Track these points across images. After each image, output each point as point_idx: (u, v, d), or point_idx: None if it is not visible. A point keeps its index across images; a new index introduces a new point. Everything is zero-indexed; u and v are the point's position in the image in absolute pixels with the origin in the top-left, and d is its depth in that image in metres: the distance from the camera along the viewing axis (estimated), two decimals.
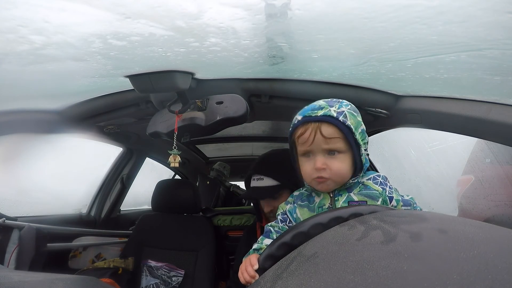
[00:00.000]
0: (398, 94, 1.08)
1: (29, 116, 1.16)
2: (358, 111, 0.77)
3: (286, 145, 0.84)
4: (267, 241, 0.80)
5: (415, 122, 1.07)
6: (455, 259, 0.29)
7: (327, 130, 0.72)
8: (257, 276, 0.62)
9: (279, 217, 0.84)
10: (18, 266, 1.21)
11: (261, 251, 0.77)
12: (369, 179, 0.78)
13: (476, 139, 1.81)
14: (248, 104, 0.99)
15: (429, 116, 1.00)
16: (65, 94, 1.13)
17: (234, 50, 0.76)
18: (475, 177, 2.10)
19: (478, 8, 0.50)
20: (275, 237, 0.78)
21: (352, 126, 0.71)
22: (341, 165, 0.73)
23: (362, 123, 0.76)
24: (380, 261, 0.31)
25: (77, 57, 0.75)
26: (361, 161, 0.75)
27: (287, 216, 0.84)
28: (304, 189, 0.84)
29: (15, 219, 1.34)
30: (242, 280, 0.67)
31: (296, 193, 0.86)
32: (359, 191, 0.76)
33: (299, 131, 0.75)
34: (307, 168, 0.75)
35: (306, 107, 0.77)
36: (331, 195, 0.77)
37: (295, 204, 0.82)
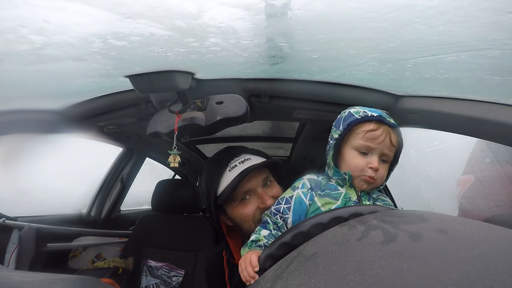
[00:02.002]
0: (398, 94, 1.08)
1: (29, 116, 1.16)
2: None
3: (287, 146, 0.84)
4: (264, 232, 0.79)
5: (415, 122, 1.07)
6: (455, 259, 0.29)
7: (395, 138, 0.78)
8: (256, 276, 0.62)
9: (273, 208, 0.80)
10: (18, 266, 1.21)
11: (260, 242, 0.77)
12: (379, 195, 0.83)
13: (476, 139, 1.82)
14: (248, 104, 0.99)
15: (429, 116, 1.00)
16: (65, 94, 1.13)
17: (234, 50, 0.76)
18: (475, 177, 2.10)
19: (478, 8, 0.50)
20: (272, 229, 0.78)
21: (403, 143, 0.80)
22: (385, 173, 0.79)
23: None
24: (380, 261, 0.31)
25: (77, 57, 0.75)
26: (390, 172, 0.82)
27: (282, 206, 0.79)
28: (321, 177, 0.83)
29: (15, 219, 1.34)
30: (243, 278, 0.67)
31: (309, 176, 0.83)
32: (375, 201, 0.80)
33: (371, 126, 0.77)
34: (361, 162, 0.77)
35: (365, 108, 0.80)
36: (359, 194, 0.78)
37: (313, 192, 0.79)
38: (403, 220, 0.41)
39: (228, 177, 0.92)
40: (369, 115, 0.78)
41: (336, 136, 0.80)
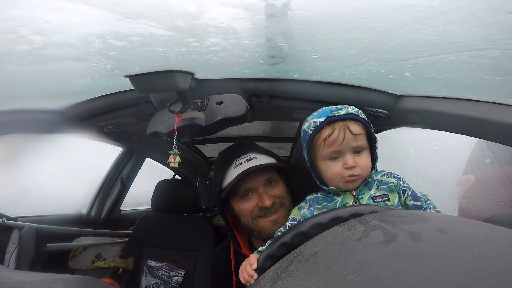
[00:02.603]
0: (398, 94, 1.08)
1: (29, 116, 1.16)
2: None
3: (287, 146, 0.84)
4: None
5: (415, 122, 1.07)
6: (455, 259, 0.29)
7: (355, 127, 0.74)
8: (255, 275, 0.62)
9: (288, 224, 0.83)
10: (18, 266, 1.21)
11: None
12: (383, 175, 0.80)
13: (476, 139, 1.81)
14: (248, 104, 0.99)
15: (429, 116, 1.00)
16: (65, 94, 1.13)
17: (234, 50, 0.76)
18: (475, 177, 2.10)
19: (478, 8, 0.50)
20: None
21: (369, 122, 0.76)
22: (366, 161, 0.76)
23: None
24: (380, 261, 0.31)
25: (77, 57, 0.74)
26: (375, 155, 0.79)
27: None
28: (320, 193, 0.84)
29: (15, 219, 1.34)
30: (242, 279, 0.67)
31: (310, 197, 0.86)
32: (378, 187, 0.78)
33: (325, 133, 0.75)
34: (336, 169, 0.75)
35: (316, 112, 0.79)
36: (354, 194, 0.77)
37: (311, 208, 0.82)
38: (403, 220, 0.41)
39: (232, 174, 0.97)
40: (318, 123, 0.76)
41: (307, 158, 0.82)
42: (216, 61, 0.82)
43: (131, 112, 1.28)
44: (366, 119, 0.78)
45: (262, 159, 0.98)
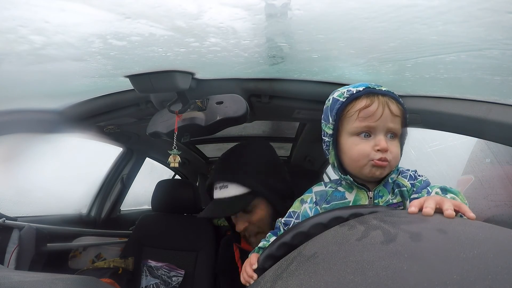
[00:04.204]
0: (398, 94, 1.08)
1: (29, 116, 1.16)
2: None
3: (287, 146, 0.83)
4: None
5: (415, 122, 1.06)
6: (455, 259, 0.29)
7: (395, 107, 0.65)
8: (255, 276, 0.62)
9: (282, 220, 0.79)
10: (18, 266, 1.21)
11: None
12: (399, 174, 0.71)
13: (476, 139, 1.81)
14: (248, 104, 0.99)
15: (429, 116, 1.00)
16: (65, 94, 1.13)
17: (234, 50, 0.76)
18: (475, 177, 2.10)
19: (478, 8, 0.50)
20: None
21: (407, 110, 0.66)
22: (398, 149, 0.66)
23: None
24: (380, 261, 0.31)
25: (77, 57, 0.75)
26: (401, 150, 0.68)
27: (293, 220, 0.76)
28: (328, 186, 0.73)
29: (15, 219, 1.34)
30: (242, 280, 0.67)
31: (316, 189, 0.75)
32: (394, 190, 0.69)
33: (362, 102, 0.65)
34: (365, 148, 0.64)
35: (348, 86, 0.68)
36: (371, 196, 0.67)
37: (317, 206, 0.72)
38: (403, 220, 0.41)
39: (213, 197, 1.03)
40: (355, 91, 0.66)
41: (330, 132, 0.69)
42: (216, 61, 0.82)
43: (131, 112, 1.28)
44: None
45: (231, 190, 0.95)
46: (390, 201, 0.68)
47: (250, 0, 0.53)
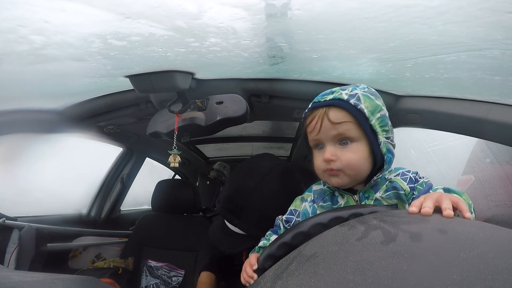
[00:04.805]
0: (398, 94, 1.08)
1: (29, 116, 1.16)
2: (378, 94, 0.68)
3: (287, 146, 0.83)
4: (274, 237, 0.76)
5: (415, 122, 1.07)
6: (455, 259, 0.29)
7: (335, 114, 0.64)
8: (255, 276, 0.62)
9: (284, 217, 0.79)
10: (18, 266, 1.21)
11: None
12: (398, 175, 0.68)
13: (476, 139, 1.81)
14: (248, 104, 0.99)
15: (429, 116, 1.00)
16: (65, 94, 1.13)
17: (234, 50, 0.76)
18: (475, 177, 2.10)
19: (478, 8, 0.50)
20: None
21: (366, 110, 0.62)
22: (352, 155, 0.63)
23: (383, 107, 0.66)
24: (380, 261, 0.31)
25: (77, 57, 0.75)
26: (380, 151, 0.64)
27: (294, 217, 0.77)
28: (326, 186, 0.75)
29: (15, 219, 1.34)
30: (242, 280, 0.67)
31: (316, 187, 0.77)
32: (386, 190, 0.66)
33: (308, 120, 0.68)
34: (318, 159, 0.67)
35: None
36: (356, 199, 0.68)
37: (315, 204, 0.74)
38: (403, 220, 0.41)
39: None
40: (307, 110, 0.70)
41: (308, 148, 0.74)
42: (216, 61, 0.82)
43: (131, 112, 1.28)
44: (375, 103, 0.65)
45: (237, 229, 0.93)
46: (378, 201, 0.67)
47: (250, 0, 0.53)
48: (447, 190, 0.60)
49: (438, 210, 0.43)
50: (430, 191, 0.63)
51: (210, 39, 0.67)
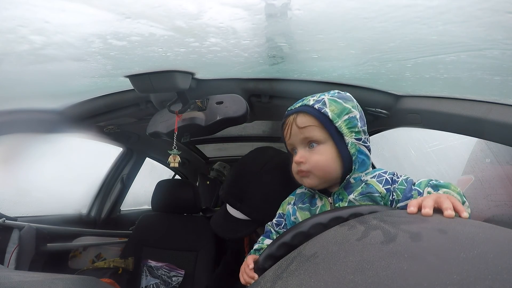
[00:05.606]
0: (398, 94, 1.08)
1: (29, 116, 1.16)
2: (350, 98, 0.71)
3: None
4: (268, 241, 0.79)
5: (415, 122, 1.07)
6: (455, 259, 0.29)
7: (301, 119, 0.69)
8: (256, 276, 0.62)
9: (274, 221, 0.81)
10: (18, 266, 1.21)
11: (262, 251, 0.76)
12: (374, 176, 0.68)
13: (476, 139, 1.81)
14: (248, 104, 0.99)
15: (429, 116, 1.00)
16: (65, 94, 1.13)
17: (234, 50, 0.76)
18: (475, 177, 2.10)
19: (478, 8, 0.50)
20: (275, 238, 0.77)
21: (330, 113, 0.65)
22: (319, 157, 0.67)
23: (354, 110, 0.68)
24: (380, 261, 0.31)
25: (77, 57, 0.75)
26: (348, 152, 0.66)
27: (283, 220, 0.80)
28: (307, 189, 0.77)
29: (15, 219, 1.34)
30: (242, 280, 0.67)
31: (298, 191, 0.80)
32: (361, 192, 0.67)
33: (283, 127, 0.75)
34: (292, 163, 0.73)
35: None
36: (331, 201, 0.70)
37: (295, 206, 0.77)
38: (403, 220, 0.41)
39: None
40: (285, 115, 0.75)
41: None
42: (216, 61, 0.82)
43: (131, 112, 1.28)
44: (342, 106, 0.67)
45: (240, 214, 0.95)
46: (351, 203, 0.67)
47: (250, 0, 0.53)
48: (434, 186, 0.61)
49: (436, 210, 0.44)
50: (417, 188, 0.63)
51: (210, 39, 0.67)
